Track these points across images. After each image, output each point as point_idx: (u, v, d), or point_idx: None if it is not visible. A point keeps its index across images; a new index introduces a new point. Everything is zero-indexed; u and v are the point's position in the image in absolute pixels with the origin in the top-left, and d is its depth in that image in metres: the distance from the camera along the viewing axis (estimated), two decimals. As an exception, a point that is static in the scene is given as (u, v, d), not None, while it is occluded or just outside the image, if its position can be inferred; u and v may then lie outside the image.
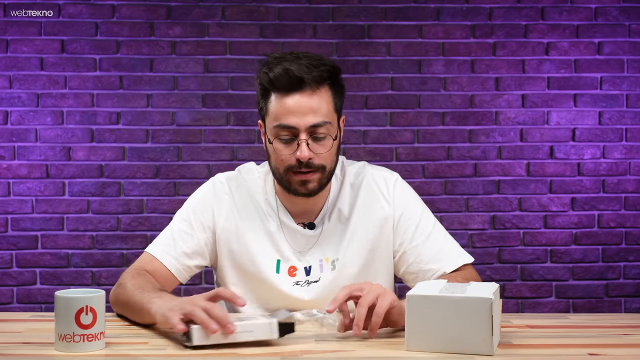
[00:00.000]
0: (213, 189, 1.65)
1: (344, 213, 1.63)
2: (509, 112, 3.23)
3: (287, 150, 1.51)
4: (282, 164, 1.52)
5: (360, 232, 1.62)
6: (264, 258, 1.60)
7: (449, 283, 1.30)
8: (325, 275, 1.60)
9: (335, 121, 1.54)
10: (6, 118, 3.12)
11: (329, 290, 1.57)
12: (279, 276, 1.60)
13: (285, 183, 1.54)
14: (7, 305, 3.10)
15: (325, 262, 1.61)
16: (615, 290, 3.23)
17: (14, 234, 3.11)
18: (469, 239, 3.21)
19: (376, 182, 1.66)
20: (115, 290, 1.53)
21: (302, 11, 3.19)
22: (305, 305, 1.55)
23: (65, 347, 1.18)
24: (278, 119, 1.50)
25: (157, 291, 1.39)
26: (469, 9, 3.21)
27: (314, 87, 1.49)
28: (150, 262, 1.60)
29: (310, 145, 1.49)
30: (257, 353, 1.19)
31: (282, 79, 1.48)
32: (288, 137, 1.50)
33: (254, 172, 1.68)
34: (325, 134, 1.51)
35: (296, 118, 1.48)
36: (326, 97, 1.51)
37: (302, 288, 1.59)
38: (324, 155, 1.52)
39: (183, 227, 1.63)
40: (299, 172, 1.51)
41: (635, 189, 3.24)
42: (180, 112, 3.17)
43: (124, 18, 3.15)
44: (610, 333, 1.38)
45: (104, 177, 3.14)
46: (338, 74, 1.54)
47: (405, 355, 1.18)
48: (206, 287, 3.02)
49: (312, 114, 1.48)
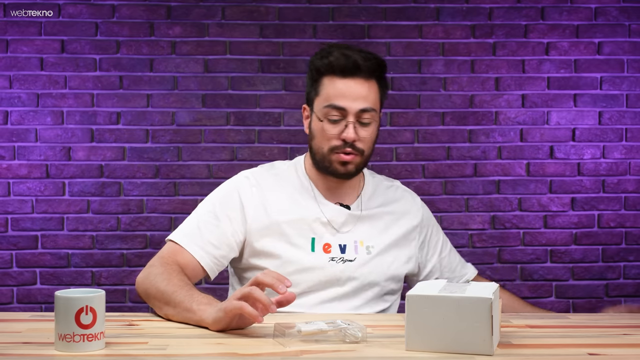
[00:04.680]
0: (238, 182, 1.71)
1: (380, 206, 1.74)
2: (509, 112, 3.23)
3: (334, 130, 1.62)
4: (328, 143, 1.63)
5: (395, 230, 1.73)
6: (298, 238, 1.65)
7: (449, 283, 1.30)
8: (360, 257, 1.67)
9: (379, 111, 1.68)
10: (6, 118, 3.12)
11: (362, 272, 1.66)
12: (314, 254, 1.65)
13: (327, 163, 1.64)
14: (7, 305, 3.10)
15: (359, 245, 1.68)
16: (615, 290, 3.23)
17: (14, 234, 3.11)
18: (469, 239, 3.21)
19: (408, 192, 1.84)
20: (145, 279, 1.53)
21: (302, 11, 3.19)
22: (337, 282, 1.64)
23: (65, 347, 1.18)
24: (330, 99, 1.61)
25: (205, 295, 1.42)
26: (469, 9, 3.21)
27: (366, 75, 1.62)
28: (179, 252, 1.60)
29: (356, 129, 1.61)
30: (257, 353, 1.19)
31: (339, 63, 1.60)
32: (337, 117, 1.61)
33: (277, 165, 1.77)
34: (371, 120, 1.64)
35: (348, 101, 1.60)
36: (374, 88, 1.65)
37: (337, 264, 1.65)
38: (367, 140, 1.64)
39: (209, 219, 1.65)
40: (342, 153, 1.62)
41: (635, 189, 3.24)
42: (180, 112, 3.17)
43: (124, 18, 3.15)
44: (610, 333, 1.38)
45: (104, 177, 3.14)
46: (386, 71, 1.68)
47: (405, 355, 1.18)
48: (206, 287, 3.02)
49: (362, 99, 1.61)
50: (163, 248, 1.63)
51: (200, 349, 1.22)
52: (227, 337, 1.30)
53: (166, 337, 1.32)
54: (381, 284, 1.69)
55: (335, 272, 1.64)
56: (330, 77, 1.62)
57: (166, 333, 1.35)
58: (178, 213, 3.14)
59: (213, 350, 1.21)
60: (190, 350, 1.21)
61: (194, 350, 1.21)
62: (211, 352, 1.19)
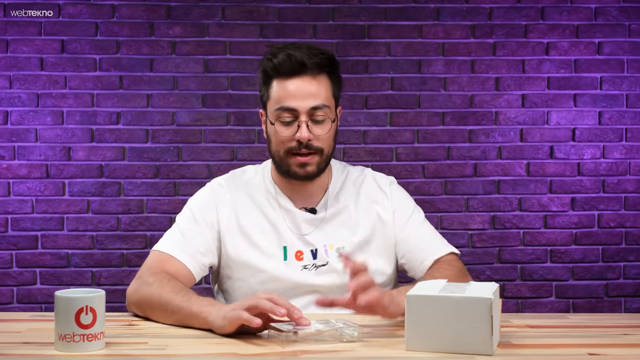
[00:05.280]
0: (212, 190, 1.70)
1: (347, 205, 1.69)
2: (509, 112, 3.23)
3: (287, 132, 1.58)
4: (282, 146, 1.59)
5: (364, 224, 1.68)
6: (270, 248, 1.63)
7: (449, 283, 1.30)
8: (332, 260, 1.64)
9: (334, 107, 1.63)
10: (6, 118, 3.12)
11: (337, 275, 1.62)
12: (286, 263, 1.63)
13: (285, 166, 1.61)
14: (7, 305, 3.10)
15: (329, 249, 1.65)
16: (615, 290, 3.23)
17: (14, 234, 3.12)
18: (469, 239, 3.21)
19: (376, 181, 1.75)
20: (138, 291, 1.50)
21: (302, 11, 3.19)
22: (315, 290, 1.61)
23: (65, 347, 1.18)
24: (280, 101, 1.58)
25: (204, 297, 1.41)
26: (469, 9, 3.21)
27: (314, 72, 1.58)
28: (167, 260, 1.58)
29: (310, 127, 1.58)
30: (257, 353, 1.19)
31: (285, 64, 1.57)
32: (289, 119, 1.58)
33: (248, 171, 1.75)
34: (324, 117, 1.59)
35: (297, 101, 1.57)
36: (325, 84, 1.61)
37: (310, 272, 1.63)
38: (323, 138, 1.60)
39: (191, 226, 1.64)
40: (299, 154, 1.58)
41: (635, 189, 3.24)
42: (180, 112, 3.17)
43: (124, 18, 3.15)
44: (610, 333, 1.38)
45: (104, 177, 3.14)
46: (336, 64, 1.63)
47: (405, 355, 1.18)
48: (206, 287, 3.02)
49: (312, 97, 1.57)
50: (148, 259, 1.60)
51: (200, 349, 1.22)
52: (227, 337, 1.30)
53: (166, 337, 1.32)
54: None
55: (307, 280, 1.61)
56: (278, 80, 1.59)
57: (166, 333, 1.35)
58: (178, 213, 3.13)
59: (213, 350, 1.21)
60: (190, 350, 1.21)
61: (194, 350, 1.21)
62: (211, 352, 1.20)
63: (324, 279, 1.63)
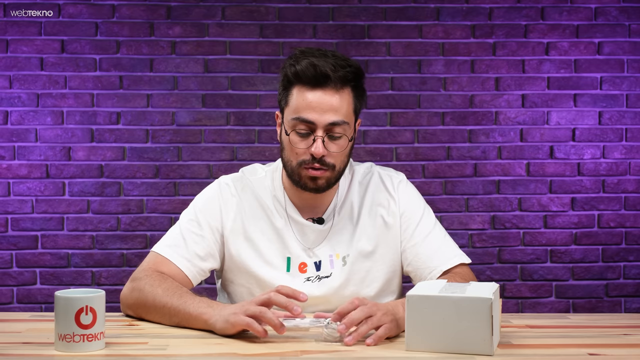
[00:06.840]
0: (219, 190, 1.65)
1: (354, 210, 1.65)
2: (509, 112, 3.23)
3: (302, 144, 1.52)
4: (296, 157, 1.54)
5: (370, 229, 1.64)
6: (274, 258, 1.60)
7: (449, 283, 1.30)
8: (336, 271, 1.61)
9: (353, 123, 1.57)
10: (6, 118, 3.12)
11: (340, 286, 1.60)
12: (289, 274, 1.60)
13: (296, 177, 1.56)
14: (7, 305, 3.10)
15: (335, 258, 1.62)
16: (615, 290, 3.23)
17: (14, 234, 3.11)
18: (469, 239, 3.21)
19: (383, 181, 1.70)
20: (132, 293, 1.50)
21: (302, 11, 3.19)
22: (317, 302, 1.58)
23: (65, 347, 1.18)
24: (298, 112, 1.51)
25: (199, 297, 1.40)
26: (469, 9, 3.21)
27: (337, 85, 1.51)
28: (162, 263, 1.56)
29: (326, 143, 1.52)
30: (257, 353, 1.19)
31: (307, 73, 1.50)
32: (305, 131, 1.52)
33: (258, 172, 1.68)
34: (342, 133, 1.53)
35: (316, 114, 1.50)
36: (347, 98, 1.53)
37: (313, 284, 1.60)
38: (337, 155, 1.54)
39: (192, 229, 1.60)
40: (311, 168, 1.53)
41: (635, 189, 3.24)
42: (180, 112, 3.17)
43: (124, 18, 3.15)
44: (610, 333, 1.38)
45: (104, 177, 3.14)
46: (362, 77, 1.56)
47: (405, 355, 1.18)
48: (206, 287, 3.02)
49: (332, 112, 1.50)
50: (145, 260, 1.59)
51: (200, 349, 1.22)
52: (227, 337, 1.30)
53: (166, 337, 1.32)
54: (363, 291, 1.63)
55: (310, 292, 1.57)
56: (299, 88, 1.52)
57: (166, 333, 1.35)
58: (178, 213, 3.12)
59: (213, 350, 1.21)
60: (190, 350, 1.21)
61: (194, 350, 1.21)
62: (211, 352, 1.19)
63: (327, 291, 1.60)
